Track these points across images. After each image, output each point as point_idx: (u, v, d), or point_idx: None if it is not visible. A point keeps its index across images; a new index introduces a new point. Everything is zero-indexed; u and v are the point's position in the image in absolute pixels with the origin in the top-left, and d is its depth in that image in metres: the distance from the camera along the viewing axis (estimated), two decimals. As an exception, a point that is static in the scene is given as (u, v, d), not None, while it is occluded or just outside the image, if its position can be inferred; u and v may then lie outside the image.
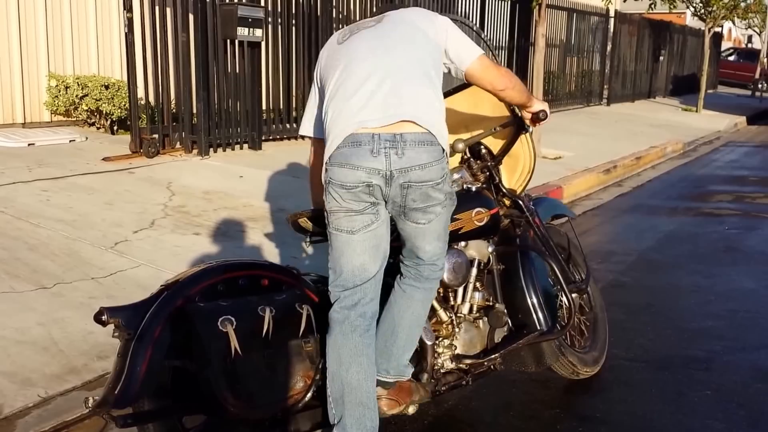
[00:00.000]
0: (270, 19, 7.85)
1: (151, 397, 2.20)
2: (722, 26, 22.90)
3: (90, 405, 2.08)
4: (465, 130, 2.95)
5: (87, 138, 7.34)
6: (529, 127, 2.84)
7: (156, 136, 6.93)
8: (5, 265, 4.02)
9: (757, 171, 9.72)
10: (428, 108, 2.28)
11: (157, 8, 6.80)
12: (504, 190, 2.96)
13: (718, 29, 20.71)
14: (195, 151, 7.12)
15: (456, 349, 2.78)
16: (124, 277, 4.06)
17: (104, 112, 7.55)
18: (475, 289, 2.83)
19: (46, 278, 3.92)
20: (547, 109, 2.68)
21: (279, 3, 7.99)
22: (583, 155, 9.15)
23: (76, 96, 7.43)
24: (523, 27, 12.90)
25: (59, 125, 7.71)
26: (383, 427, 2.43)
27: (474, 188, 2.79)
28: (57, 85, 7.52)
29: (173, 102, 7.17)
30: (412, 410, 2.58)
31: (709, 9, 16.78)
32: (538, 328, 2.83)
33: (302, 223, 2.66)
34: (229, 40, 7.15)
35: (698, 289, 4.69)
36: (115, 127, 7.78)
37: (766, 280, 4.87)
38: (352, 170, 2.22)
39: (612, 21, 16.59)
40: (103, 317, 2.10)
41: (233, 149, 7.48)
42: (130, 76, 6.80)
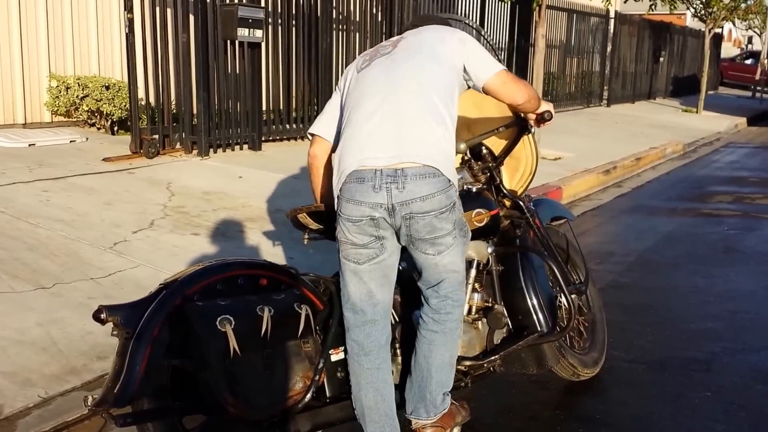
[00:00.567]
0: (270, 20, 7.85)
1: (150, 397, 2.20)
2: (722, 27, 22.88)
3: (89, 404, 2.08)
4: (467, 130, 2.94)
5: (87, 138, 7.34)
6: (532, 128, 2.84)
7: (156, 136, 6.94)
8: (5, 265, 4.02)
9: (757, 172, 9.71)
10: (431, 146, 2.32)
11: (157, 9, 6.80)
12: (505, 191, 2.96)
13: (718, 30, 20.70)
14: (195, 151, 7.12)
15: None
16: (123, 277, 4.06)
17: (105, 112, 7.56)
18: (474, 290, 2.82)
19: (46, 278, 3.92)
20: (551, 110, 2.70)
21: (279, 4, 7.99)
22: (582, 156, 9.15)
23: (77, 96, 7.43)
24: (523, 28, 12.91)
25: (60, 126, 7.71)
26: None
27: (474, 189, 2.79)
28: (57, 86, 7.52)
29: (173, 103, 7.17)
30: (457, 431, 2.60)
31: (710, 10, 16.78)
32: (539, 329, 2.81)
33: (302, 219, 2.66)
34: (229, 41, 7.15)
35: (698, 289, 4.69)
36: (116, 128, 7.79)
37: (766, 281, 4.86)
38: (357, 205, 2.32)
39: (612, 22, 16.60)
40: (102, 315, 2.10)
41: (233, 150, 7.48)
42: (131, 76, 6.80)
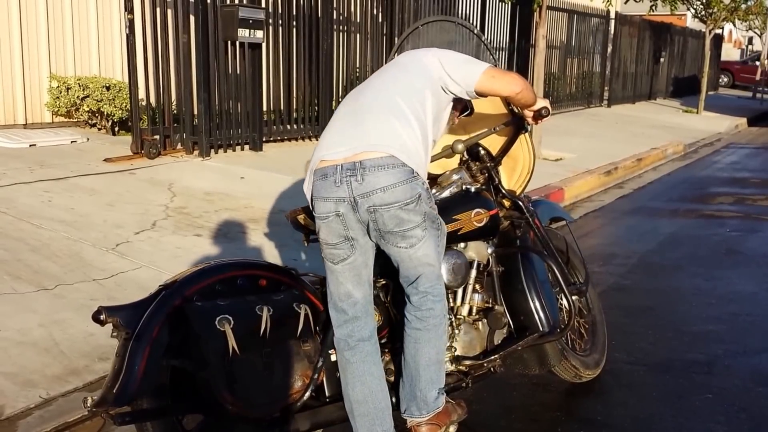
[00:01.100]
0: (271, 21, 7.85)
1: (150, 396, 2.21)
2: (723, 28, 22.88)
3: (89, 404, 2.09)
4: (464, 131, 2.95)
5: (88, 139, 7.34)
6: (528, 126, 2.84)
7: (157, 137, 6.94)
8: (7, 266, 4.02)
9: (758, 173, 9.71)
10: (389, 137, 2.32)
11: (158, 10, 6.80)
12: (503, 191, 2.96)
13: (718, 31, 20.70)
14: (196, 152, 7.12)
15: (455, 350, 2.77)
16: (125, 278, 4.06)
17: (105, 113, 7.56)
18: (475, 290, 2.82)
19: (48, 279, 3.93)
20: (548, 106, 2.70)
21: (280, 4, 8.00)
22: (583, 157, 9.14)
23: (78, 97, 7.43)
24: (523, 29, 12.90)
25: (60, 126, 7.72)
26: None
27: (473, 189, 2.80)
28: (58, 86, 7.52)
29: (174, 103, 7.17)
30: (453, 430, 2.59)
31: (710, 11, 16.78)
32: (540, 329, 2.81)
33: (301, 220, 2.66)
34: (229, 42, 7.15)
35: (699, 292, 4.69)
36: (116, 128, 7.79)
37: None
38: (324, 202, 2.34)
39: (612, 23, 16.59)
40: (102, 316, 2.10)
41: (234, 150, 7.49)
42: (132, 77, 6.80)
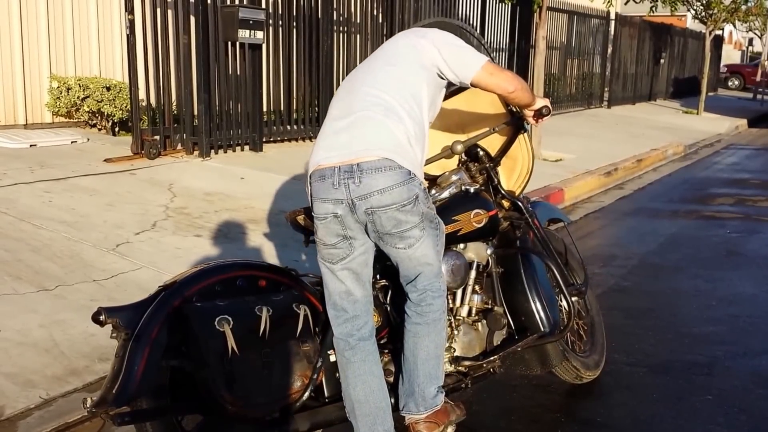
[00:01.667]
0: (271, 21, 7.85)
1: (149, 397, 2.21)
2: (723, 29, 22.89)
3: (88, 405, 2.09)
4: (462, 132, 2.95)
5: (88, 139, 7.34)
6: (527, 126, 2.84)
7: (157, 137, 6.93)
8: (8, 267, 4.02)
9: (758, 174, 9.71)
10: (384, 139, 2.32)
11: (158, 10, 6.80)
12: (503, 192, 2.96)
13: (718, 32, 20.71)
14: (196, 152, 7.12)
15: (454, 351, 2.77)
16: (125, 279, 4.06)
17: (105, 113, 7.56)
18: (474, 291, 2.83)
19: (48, 280, 3.93)
20: (548, 105, 2.70)
21: (280, 5, 8.00)
22: (583, 157, 9.15)
23: (78, 97, 7.43)
24: (523, 29, 12.90)
25: (61, 126, 7.71)
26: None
27: (472, 190, 2.80)
28: (59, 87, 7.52)
29: (174, 103, 7.17)
30: (451, 431, 2.59)
31: (710, 12, 16.79)
32: (542, 330, 2.81)
33: (301, 221, 2.66)
34: (230, 42, 7.15)
35: (699, 293, 4.69)
36: (117, 129, 7.78)
37: None
38: (321, 203, 2.35)
39: (613, 23, 16.60)
40: (101, 317, 2.11)
41: (234, 151, 7.48)
42: (132, 77, 6.80)
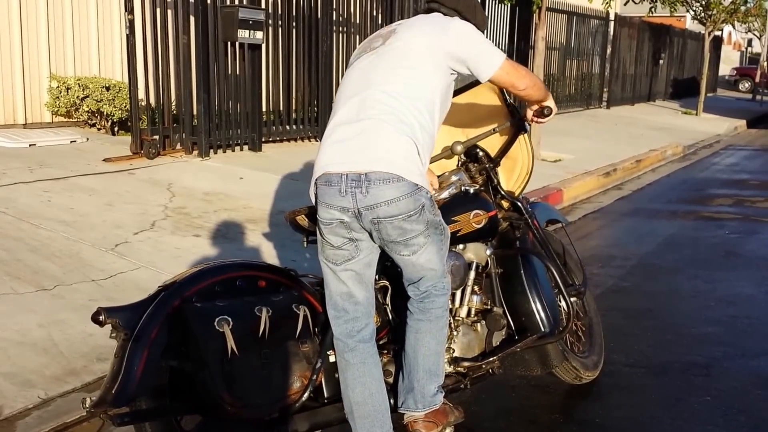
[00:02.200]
0: (270, 22, 7.85)
1: (148, 397, 2.21)
2: (722, 30, 22.91)
3: (87, 405, 2.09)
4: (462, 132, 2.95)
5: (88, 139, 7.34)
6: (527, 127, 2.84)
7: (156, 137, 6.93)
8: (6, 267, 4.02)
9: (757, 174, 9.72)
10: (395, 157, 2.27)
11: (158, 10, 6.80)
12: (502, 192, 2.96)
13: (718, 33, 20.72)
14: (195, 152, 7.12)
15: (453, 352, 2.78)
16: (124, 279, 4.06)
17: (105, 113, 7.56)
18: (473, 292, 2.83)
19: (47, 280, 3.93)
20: (553, 106, 2.67)
21: (279, 5, 8.00)
22: (582, 158, 9.15)
23: (77, 97, 7.43)
24: (523, 30, 12.89)
25: (60, 126, 7.71)
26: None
27: (472, 190, 2.80)
28: (58, 86, 7.52)
29: (174, 103, 7.17)
30: None
31: (709, 13, 16.81)
32: (542, 330, 2.81)
33: (300, 221, 2.66)
34: (229, 42, 7.15)
35: (698, 294, 4.69)
36: (116, 128, 7.79)
37: (766, 286, 4.86)
38: (327, 208, 2.33)
39: (612, 24, 16.61)
40: (101, 317, 2.11)
41: (233, 151, 7.49)
42: (131, 77, 6.80)
